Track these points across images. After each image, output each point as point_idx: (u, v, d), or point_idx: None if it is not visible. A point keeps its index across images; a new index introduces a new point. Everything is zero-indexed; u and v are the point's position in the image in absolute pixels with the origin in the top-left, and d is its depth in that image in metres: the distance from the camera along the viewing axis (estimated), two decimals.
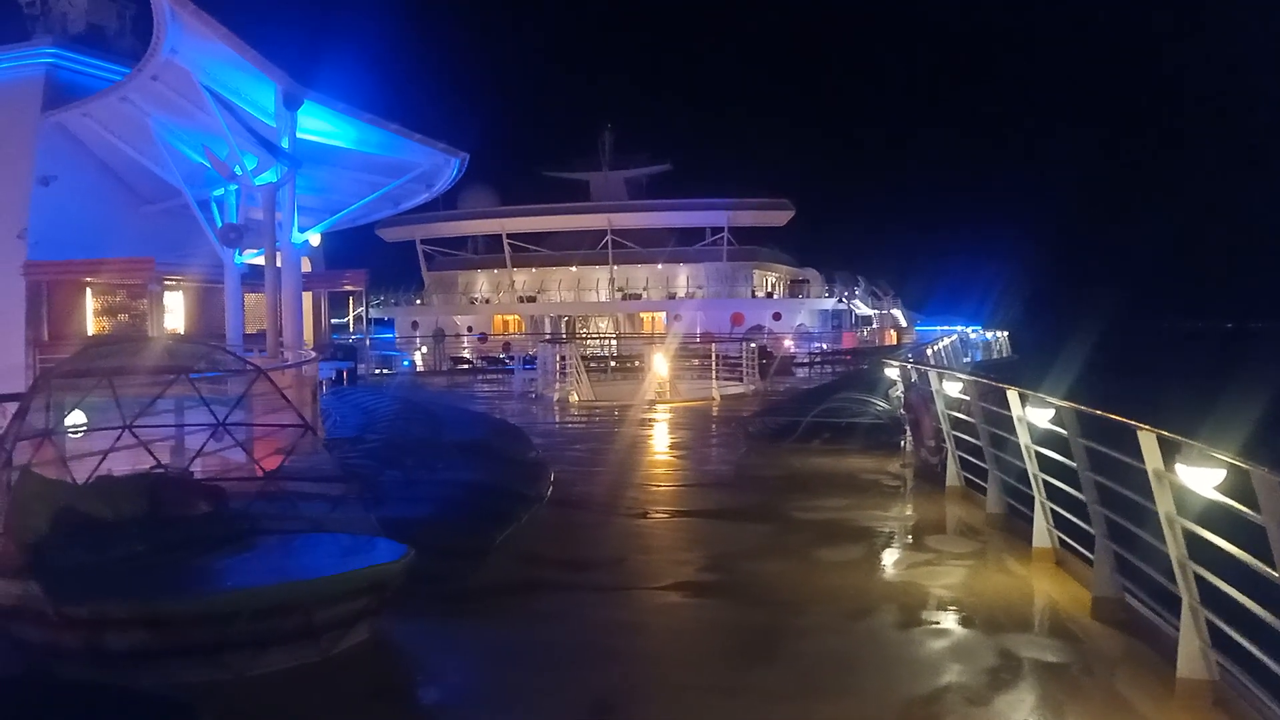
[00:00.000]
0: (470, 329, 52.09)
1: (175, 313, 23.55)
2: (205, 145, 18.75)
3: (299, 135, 16.98)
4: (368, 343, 36.22)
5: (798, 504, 9.43)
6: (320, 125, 17.97)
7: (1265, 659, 3.88)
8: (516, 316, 55.29)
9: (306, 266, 23.96)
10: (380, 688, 4.93)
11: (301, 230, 18.82)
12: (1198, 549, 4.43)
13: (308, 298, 24.62)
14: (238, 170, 18.16)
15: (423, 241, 55.54)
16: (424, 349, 43.21)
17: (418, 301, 56.93)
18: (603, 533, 8.48)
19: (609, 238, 52.93)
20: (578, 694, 4.77)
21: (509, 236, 54.42)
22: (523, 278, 56.54)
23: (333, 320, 34.05)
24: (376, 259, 49.35)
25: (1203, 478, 4.03)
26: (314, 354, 17.58)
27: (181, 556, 5.47)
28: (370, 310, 56.55)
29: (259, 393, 7.09)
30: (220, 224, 20.27)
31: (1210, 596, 4.37)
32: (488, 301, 57.11)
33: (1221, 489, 4.04)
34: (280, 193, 17.64)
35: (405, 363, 39.19)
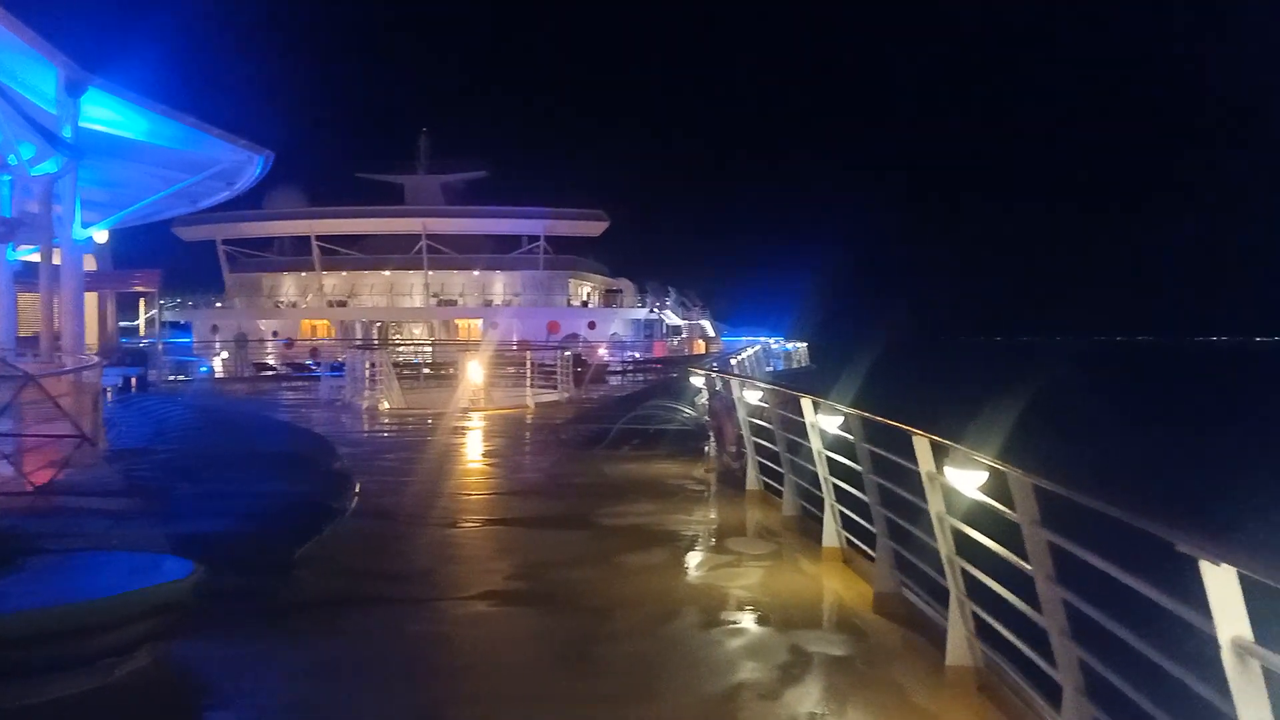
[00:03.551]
0: (275, 334, 49.88)
1: None
2: None
3: (85, 125, 15.83)
4: (160, 347, 33.99)
5: (608, 510, 9.58)
6: (109, 115, 16.80)
7: (1021, 646, 4.26)
8: (326, 321, 53.46)
9: (91, 265, 22.33)
10: (167, 716, 4.68)
11: (85, 226, 17.50)
12: (965, 545, 4.81)
13: (91, 299, 22.94)
14: (11, 160, 16.73)
15: (225, 241, 52.88)
16: (225, 354, 41.02)
17: (218, 304, 54.05)
18: (411, 544, 8.33)
19: (424, 242, 51.99)
20: (386, 712, 4.68)
21: (318, 238, 52.58)
22: (332, 281, 54.72)
23: (121, 323, 31.86)
24: (174, 259, 46.73)
25: (967, 479, 4.39)
26: (96, 359, 16.40)
27: None
28: (165, 313, 53.36)
29: (30, 400, 6.59)
30: None
31: (976, 589, 4.75)
32: (295, 305, 54.91)
33: (984, 489, 4.40)
34: (60, 185, 16.36)
35: (203, 369, 37.10)
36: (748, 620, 6.03)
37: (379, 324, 53.76)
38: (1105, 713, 3.49)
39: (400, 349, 42.23)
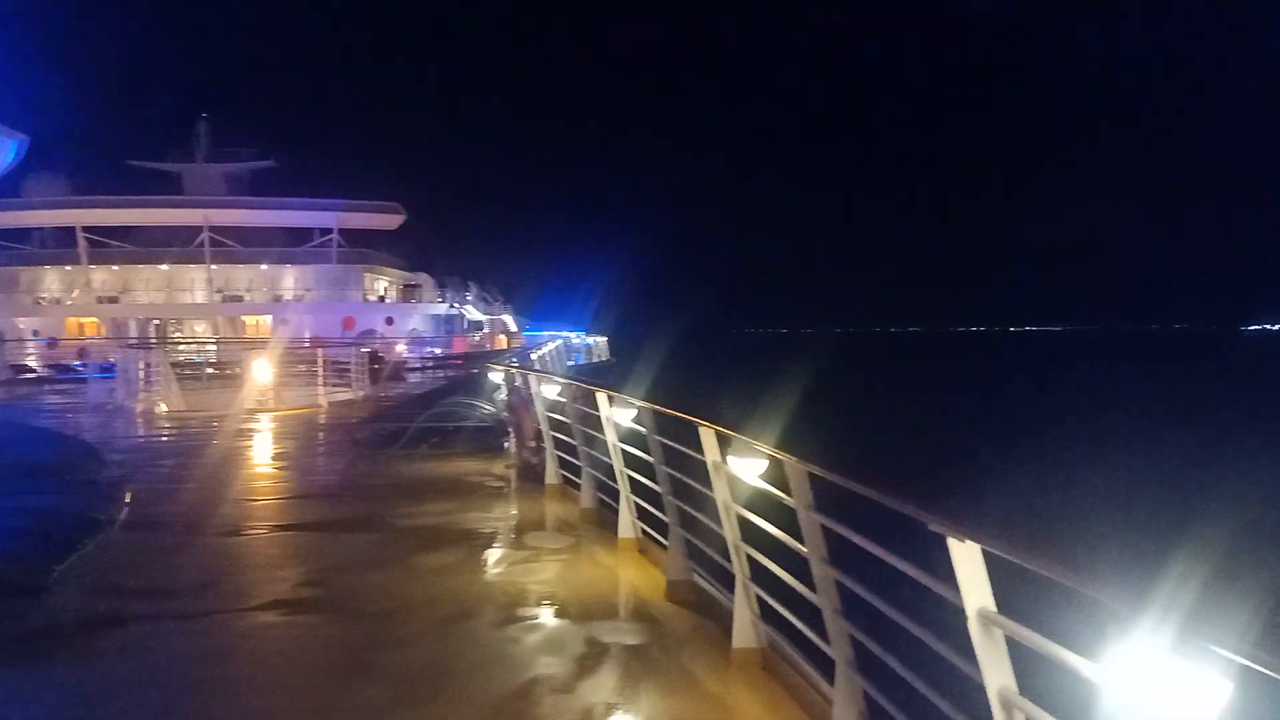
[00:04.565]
0: (36, 333, 45.85)
1: None
2: None
3: None
4: None
5: (403, 511, 9.36)
6: None
7: (800, 625, 4.45)
8: (95, 319, 49.57)
9: None
10: None
11: None
12: (749, 531, 4.98)
13: None
14: None
15: None
16: None
17: None
18: (188, 555, 7.84)
19: (206, 235, 49.12)
20: None
21: (85, 230, 48.66)
22: (102, 276, 50.88)
23: None
24: None
25: (749, 468, 4.54)
26: None
27: None
28: None
29: None
30: None
31: (759, 573, 4.92)
32: (58, 302, 50.68)
33: (766, 477, 4.57)
34: None
35: None
36: (544, 615, 6.04)
37: (156, 321, 50.45)
38: (872, 683, 3.70)
39: (181, 348, 39.76)
